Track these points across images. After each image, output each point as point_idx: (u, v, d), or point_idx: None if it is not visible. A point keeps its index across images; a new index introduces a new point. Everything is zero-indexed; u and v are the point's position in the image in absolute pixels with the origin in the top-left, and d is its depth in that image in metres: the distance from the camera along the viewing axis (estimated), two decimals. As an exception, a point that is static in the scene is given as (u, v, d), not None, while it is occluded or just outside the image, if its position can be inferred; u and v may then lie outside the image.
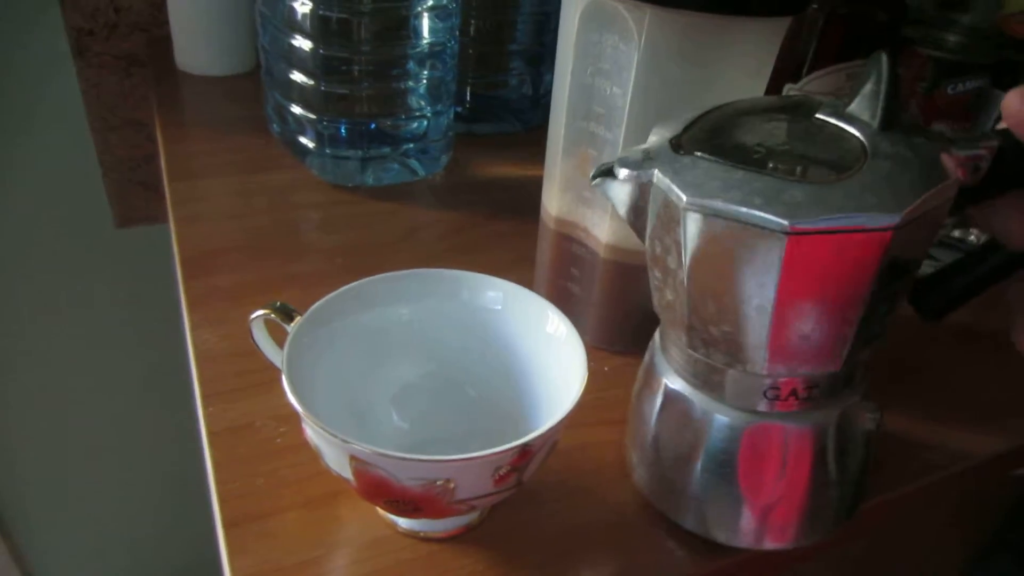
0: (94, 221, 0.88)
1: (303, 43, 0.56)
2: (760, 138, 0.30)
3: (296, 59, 0.57)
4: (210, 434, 0.38)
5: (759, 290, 0.28)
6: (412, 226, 0.58)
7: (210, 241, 0.53)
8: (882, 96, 0.30)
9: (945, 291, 0.37)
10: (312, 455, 0.31)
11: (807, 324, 0.29)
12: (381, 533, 0.34)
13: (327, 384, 0.33)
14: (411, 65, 0.58)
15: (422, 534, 0.34)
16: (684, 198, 0.27)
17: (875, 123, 0.29)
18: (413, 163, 0.62)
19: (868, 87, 0.30)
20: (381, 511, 0.35)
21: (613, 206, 0.32)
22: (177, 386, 0.72)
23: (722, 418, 0.33)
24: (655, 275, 0.32)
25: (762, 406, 0.32)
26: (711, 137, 0.30)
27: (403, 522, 0.34)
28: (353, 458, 0.27)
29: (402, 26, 0.56)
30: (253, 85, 0.74)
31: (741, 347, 0.30)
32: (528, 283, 0.38)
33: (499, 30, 0.68)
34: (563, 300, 0.45)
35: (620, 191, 0.31)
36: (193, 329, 0.44)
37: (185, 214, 0.55)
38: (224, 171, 0.61)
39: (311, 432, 0.29)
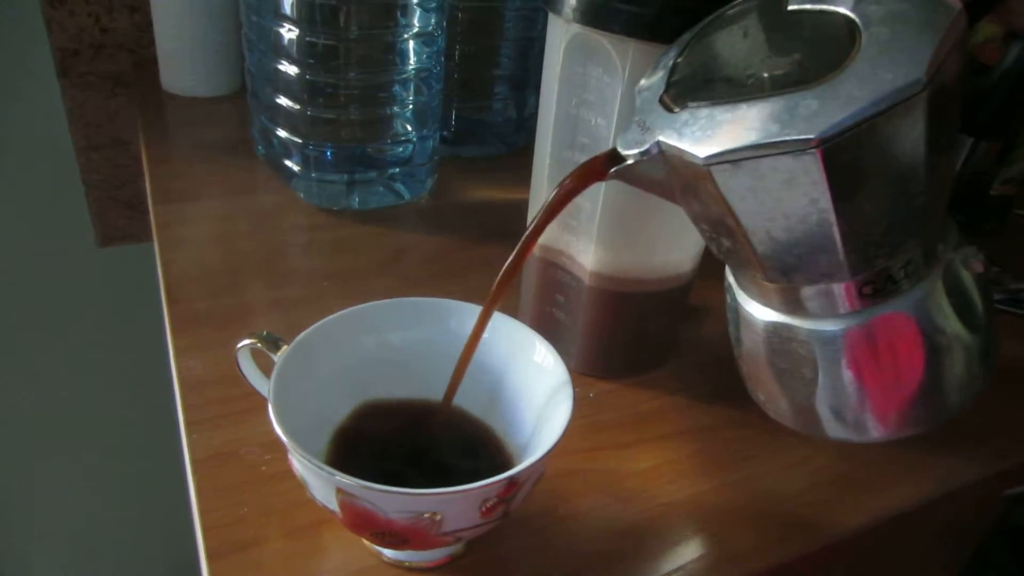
0: (76, 240, 0.88)
1: (289, 68, 0.56)
2: (746, 60, 0.28)
3: (282, 83, 0.57)
4: (194, 462, 0.38)
5: (814, 207, 0.26)
6: (398, 250, 0.58)
7: (195, 265, 0.53)
8: None
9: (1002, 109, 0.36)
10: (297, 484, 0.31)
11: (875, 217, 0.27)
12: (366, 563, 0.34)
13: (314, 414, 0.33)
14: (397, 90, 0.58)
15: (407, 564, 0.34)
16: (700, 156, 0.26)
17: None
18: (399, 187, 0.62)
19: None
20: (366, 541, 0.35)
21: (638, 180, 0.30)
22: (160, 410, 0.72)
23: (828, 330, 0.31)
24: (703, 228, 0.31)
25: (861, 304, 0.30)
26: (697, 79, 0.29)
27: (388, 552, 0.34)
28: (339, 491, 0.27)
29: (388, 52, 0.57)
30: (238, 107, 0.74)
31: (819, 264, 0.29)
32: (513, 309, 0.38)
33: (484, 55, 0.69)
34: (548, 326, 0.45)
35: (634, 173, 0.29)
36: (178, 355, 0.44)
37: (170, 237, 0.55)
38: (209, 193, 0.61)
39: (297, 464, 0.29)
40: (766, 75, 0.27)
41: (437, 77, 0.60)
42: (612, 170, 0.30)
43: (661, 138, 0.27)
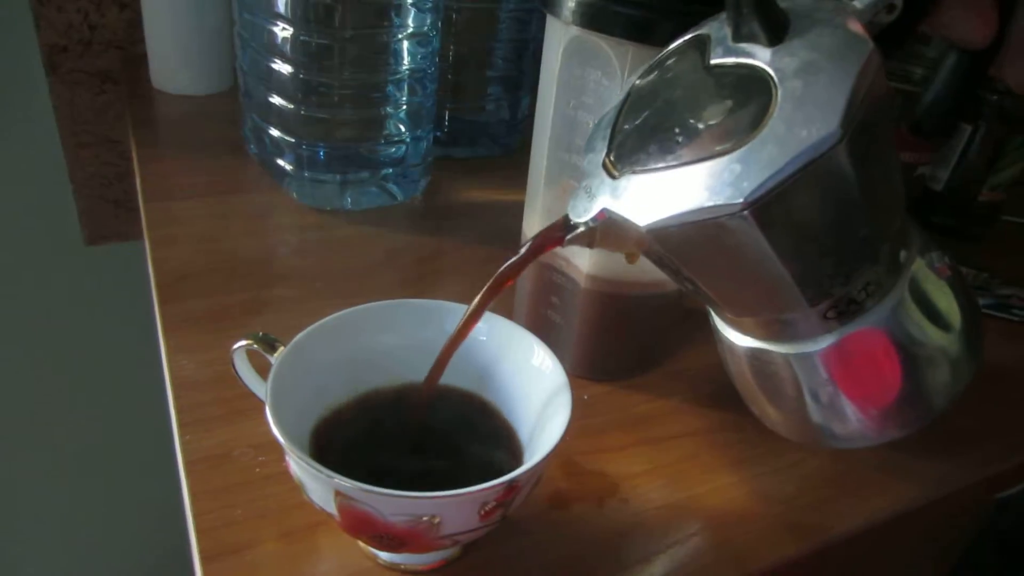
0: (63, 238, 0.87)
1: (283, 67, 0.56)
2: (675, 118, 0.29)
3: (275, 82, 0.57)
4: (187, 463, 0.38)
5: (759, 260, 0.27)
6: (391, 250, 0.58)
7: (186, 264, 0.52)
8: (749, 10, 0.27)
9: (938, 111, 0.37)
10: (292, 485, 0.31)
11: (822, 256, 0.28)
12: (361, 566, 0.34)
13: (310, 416, 0.33)
14: (391, 90, 0.58)
15: (403, 567, 0.34)
16: (641, 225, 0.27)
17: (764, 42, 0.27)
18: (392, 187, 0.62)
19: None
20: (362, 544, 0.35)
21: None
22: (153, 411, 0.71)
23: (802, 352, 0.32)
24: (668, 274, 0.32)
25: (833, 325, 0.31)
26: (635, 139, 0.30)
27: (384, 555, 0.34)
28: (338, 493, 0.27)
29: (382, 52, 0.56)
30: (229, 105, 0.74)
31: (777, 302, 0.30)
32: (508, 310, 0.38)
33: (478, 56, 0.69)
34: (544, 329, 0.45)
35: (590, 237, 0.30)
36: (170, 355, 0.44)
37: (161, 236, 0.55)
38: (200, 192, 0.61)
39: (295, 466, 0.29)
40: (693, 134, 0.27)
41: (431, 78, 0.60)
42: (568, 237, 0.31)
43: (605, 206, 0.28)
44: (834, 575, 0.53)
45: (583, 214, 0.29)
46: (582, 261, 0.42)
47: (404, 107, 0.60)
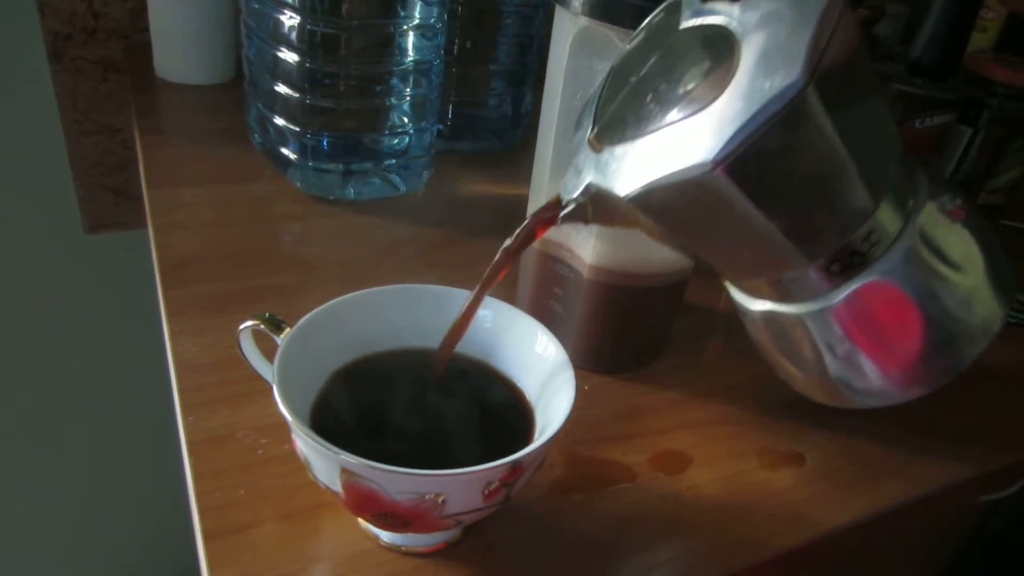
0: (63, 226, 0.87)
1: (289, 56, 0.56)
2: (649, 86, 0.29)
3: (281, 71, 0.57)
4: (190, 444, 0.38)
5: (748, 216, 0.27)
6: (393, 241, 0.58)
7: (189, 250, 0.52)
8: None
9: (942, 46, 0.36)
10: (294, 467, 0.31)
11: (811, 208, 0.28)
12: (363, 547, 0.34)
13: (314, 394, 0.33)
14: (395, 82, 0.58)
15: (404, 548, 0.34)
16: (621, 194, 0.27)
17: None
18: (395, 178, 0.62)
19: None
20: (363, 524, 0.35)
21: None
22: (154, 394, 0.71)
23: (814, 310, 0.31)
24: (672, 245, 0.32)
25: (840, 280, 0.31)
26: (616, 113, 0.30)
27: (385, 536, 0.34)
28: (344, 470, 0.27)
29: (388, 43, 0.57)
30: (232, 95, 0.74)
31: (774, 261, 0.29)
32: (511, 300, 0.38)
33: (482, 50, 0.69)
34: (546, 319, 0.45)
35: (583, 213, 0.30)
36: (173, 338, 0.44)
37: (164, 222, 0.55)
38: (203, 180, 0.61)
39: (302, 444, 0.29)
40: (666, 101, 0.27)
41: (436, 70, 0.60)
42: (561, 214, 0.31)
43: (590, 179, 0.29)
44: (827, 571, 0.53)
45: (572, 191, 0.30)
46: (586, 252, 0.43)
47: (408, 99, 0.60)
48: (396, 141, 0.61)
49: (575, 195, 0.30)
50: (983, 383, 0.50)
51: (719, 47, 0.27)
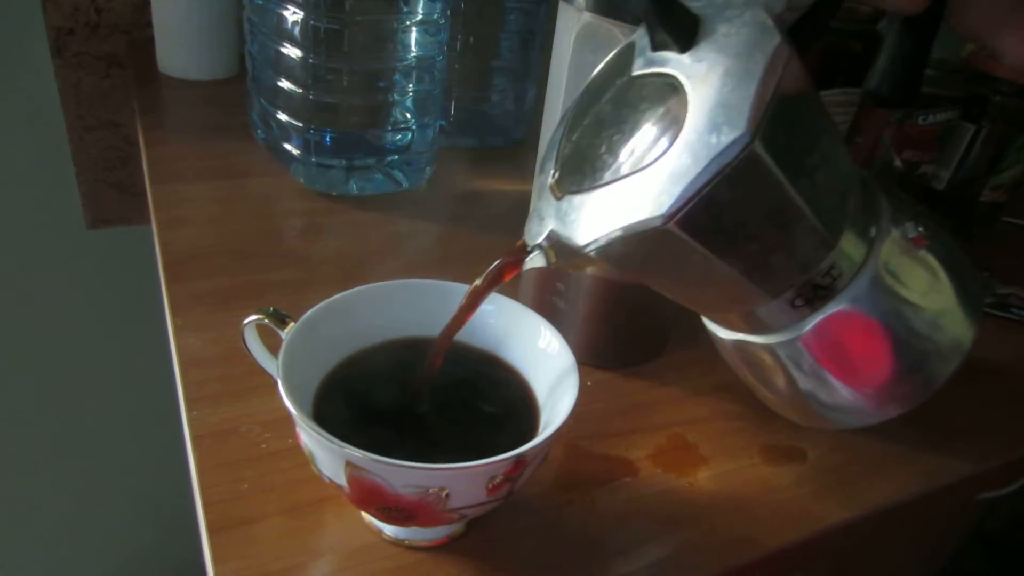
0: (66, 222, 0.87)
1: (292, 51, 0.56)
2: (603, 135, 0.29)
3: (284, 67, 0.57)
4: (194, 438, 0.38)
5: (706, 262, 0.27)
6: (395, 237, 0.58)
7: (193, 246, 0.52)
8: (655, 20, 0.27)
9: (898, 77, 0.36)
10: (298, 461, 0.31)
11: (767, 251, 0.28)
12: (366, 541, 0.35)
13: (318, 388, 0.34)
14: (399, 78, 0.58)
15: (407, 542, 0.34)
16: (580, 244, 0.28)
17: (675, 49, 0.27)
18: (397, 174, 0.62)
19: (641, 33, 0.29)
20: (366, 518, 0.35)
21: None
22: (157, 389, 0.71)
23: (783, 340, 0.32)
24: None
25: (805, 312, 0.31)
26: (573, 160, 0.30)
27: (388, 530, 0.34)
28: (349, 464, 0.28)
29: (391, 39, 0.57)
30: (235, 91, 0.74)
31: (737, 300, 0.30)
32: (513, 296, 0.39)
33: (484, 46, 0.69)
34: (548, 315, 0.45)
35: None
36: (176, 333, 0.44)
37: (167, 218, 0.55)
38: (207, 176, 0.61)
39: (306, 437, 0.29)
40: (619, 153, 0.27)
41: (439, 66, 0.60)
42: (526, 260, 0.31)
43: (552, 227, 0.29)
44: (825, 568, 0.53)
45: (535, 237, 0.30)
46: (588, 247, 0.43)
47: (411, 95, 0.60)
48: (399, 137, 0.61)
49: (539, 241, 0.30)
50: (983, 381, 0.50)
51: (668, 97, 0.27)
